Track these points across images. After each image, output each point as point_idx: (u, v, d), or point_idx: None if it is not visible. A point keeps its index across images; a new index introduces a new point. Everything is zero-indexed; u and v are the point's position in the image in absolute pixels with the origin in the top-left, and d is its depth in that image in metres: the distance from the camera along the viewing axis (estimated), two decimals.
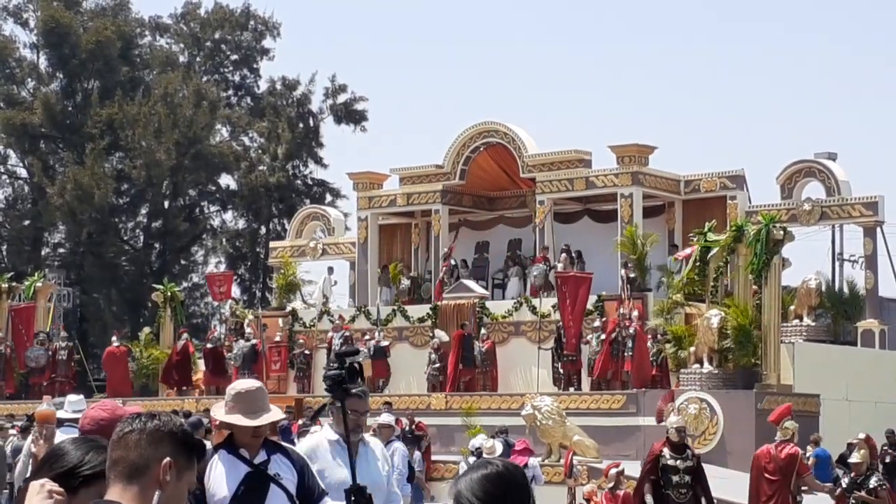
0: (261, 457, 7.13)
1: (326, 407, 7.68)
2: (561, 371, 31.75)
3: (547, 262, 34.40)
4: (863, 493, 18.19)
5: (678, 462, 17.53)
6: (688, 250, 30.85)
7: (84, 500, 3.84)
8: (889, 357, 33.26)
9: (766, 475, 19.14)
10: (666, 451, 17.56)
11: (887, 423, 29.54)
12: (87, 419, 5.89)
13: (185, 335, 37.60)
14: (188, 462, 3.79)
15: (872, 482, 18.18)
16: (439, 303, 34.85)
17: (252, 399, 7.10)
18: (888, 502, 18.11)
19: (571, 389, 31.07)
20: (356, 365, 12.25)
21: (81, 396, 10.71)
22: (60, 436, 9.31)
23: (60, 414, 10.11)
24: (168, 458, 3.69)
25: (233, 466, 7.14)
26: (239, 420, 7.07)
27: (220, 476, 7.14)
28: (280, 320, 37.06)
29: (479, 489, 3.85)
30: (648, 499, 17.32)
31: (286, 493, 7.08)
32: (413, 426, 27.68)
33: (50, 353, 38.07)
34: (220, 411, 7.18)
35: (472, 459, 23.10)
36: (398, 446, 16.39)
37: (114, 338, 39.33)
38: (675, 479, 17.39)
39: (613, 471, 22.64)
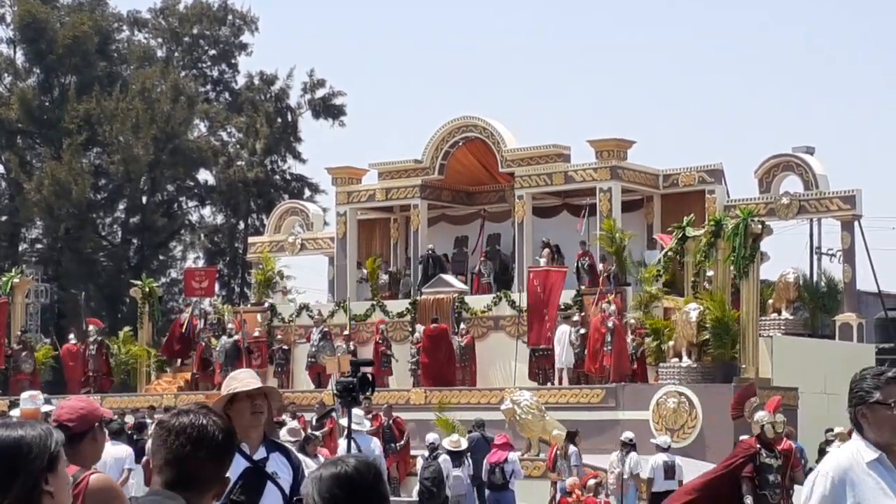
0: (260, 453, 7.13)
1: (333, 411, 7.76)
2: (539, 366, 31.76)
3: (589, 256, 34.01)
4: None
5: (772, 460, 16.43)
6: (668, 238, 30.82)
7: None
8: (867, 350, 33.36)
9: None
10: (762, 450, 16.26)
11: None
12: (63, 409, 5.95)
13: (188, 310, 37.99)
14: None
15: None
16: (418, 297, 34.86)
17: (242, 377, 7.18)
18: None
19: (549, 385, 31.07)
20: (369, 375, 12.26)
21: (38, 392, 10.64)
22: None
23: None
24: None
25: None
26: (226, 389, 7.15)
27: None
28: (258, 315, 37.00)
29: (325, 489, 3.79)
30: (749, 501, 15.75)
31: (281, 491, 7.09)
32: (391, 422, 27.68)
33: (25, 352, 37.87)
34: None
35: (425, 453, 23.16)
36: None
37: (71, 336, 39.19)
38: (771, 478, 16.28)
39: (592, 481, 22.71)
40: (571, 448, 23.71)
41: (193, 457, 4.12)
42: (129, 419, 27.34)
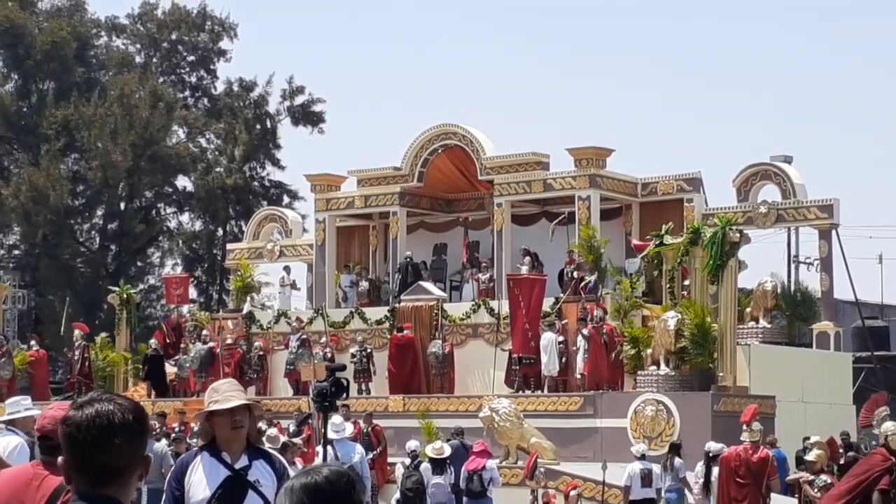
0: (242, 461, 7.09)
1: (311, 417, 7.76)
2: (520, 374, 31.70)
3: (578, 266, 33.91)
4: (814, 492, 18.39)
5: None
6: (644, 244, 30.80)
7: None
8: (844, 359, 33.49)
9: (737, 478, 19.17)
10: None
11: (842, 424, 29.74)
12: (46, 419, 5.93)
13: (179, 308, 38.31)
14: None
15: (819, 481, 18.43)
16: (397, 305, 34.84)
17: (223, 389, 7.14)
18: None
19: (528, 392, 31.05)
20: (343, 380, 12.28)
21: (18, 398, 10.55)
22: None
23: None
24: None
25: (213, 469, 7.12)
26: (208, 402, 7.13)
27: (200, 478, 7.13)
28: (230, 322, 36.88)
29: (296, 499, 3.76)
30: None
31: (263, 499, 7.06)
32: (370, 429, 27.64)
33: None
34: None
35: (406, 461, 23.13)
36: None
37: (32, 342, 39.01)
38: None
39: (573, 492, 22.75)
40: (678, 461, 23.35)
41: (108, 448, 3.86)
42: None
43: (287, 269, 39.86)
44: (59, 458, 3.92)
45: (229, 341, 36.24)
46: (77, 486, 3.91)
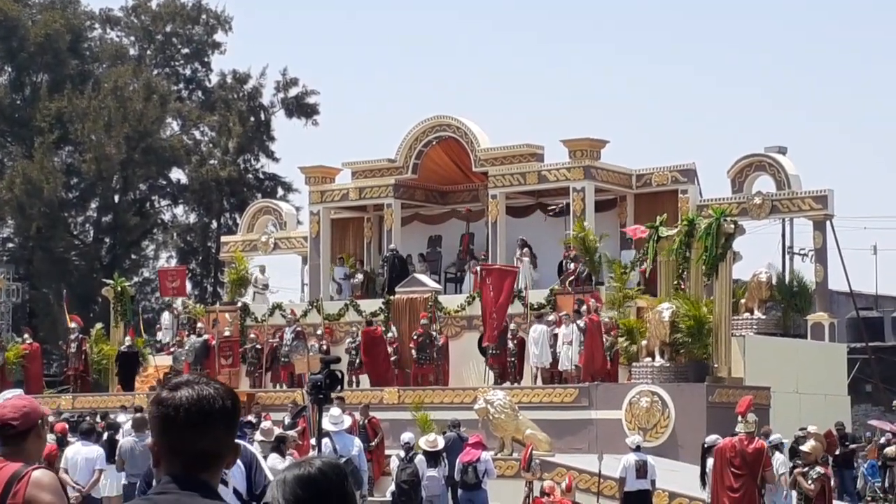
0: None
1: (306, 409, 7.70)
2: (494, 366, 31.87)
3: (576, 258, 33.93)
4: (808, 484, 18.41)
5: None
6: (640, 228, 30.72)
7: None
8: (838, 350, 33.52)
9: (733, 469, 19.18)
10: None
11: (837, 415, 29.79)
12: (6, 408, 5.93)
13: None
14: None
15: (814, 473, 18.49)
16: (391, 297, 34.83)
17: None
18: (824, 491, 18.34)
19: (515, 384, 31.04)
20: (338, 373, 12.26)
21: (19, 391, 10.57)
22: None
23: None
24: None
25: None
26: None
27: None
28: (228, 314, 36.86)
29: (288, 491, 3.76)
30: None
31: (232, 489, 7.02)
32: (367, 421, 27.63)
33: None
34: None
35: (401, 454, 23.11)
36: None
37: (26, 335, 38.95)
38: None
39: (565, 482, 22.75)
40: (780, 456, 23.00)
41: (207, 433, 3.78)
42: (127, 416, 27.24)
43: (262, 268, 39.79)
44: (149, 440, 3.85)
45: (227, 333, 36.22)
46: (170, 469, 3.81)
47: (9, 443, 5.78)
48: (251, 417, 29.00)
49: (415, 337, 32.76)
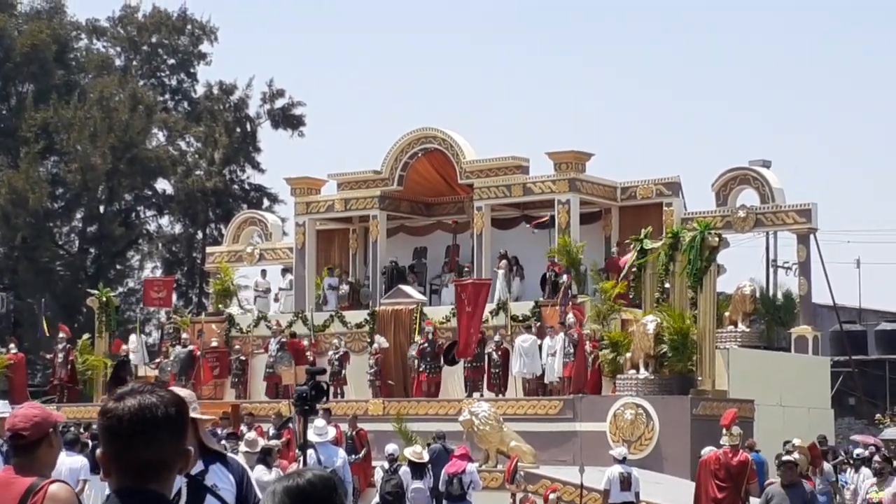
0: (198, 467, 7.01)
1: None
2: (468, 378, 32.00)
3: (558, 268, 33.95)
4: None
5: None
6: (627, 256, 30.89)
7: None
8: (822, 363, 33.62)
9: (717, 482, 19.22)
10: None
11: (820, 428, 29.87)
12: (17, 417, 5.91)
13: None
14: None
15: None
16: (377, 308, 34.87)
17: None
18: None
19: (500, 396, 31.11)
20: (323, 384, 12.28)
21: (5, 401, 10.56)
22: None
23: None
24: None
25: None
26: None
27: None
28: (214, 325, 36.87)
29: (278, 501, 3.81)
30: None
31: (222, 502, 7.02)
32: (354, 433, 27.66)
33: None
34: None
35: (385, 465, 23.14)
36: None
37: (11, 345, 38.89)
38: None
39: (552, 495, 22.76)
40: (826, 465, 22.89)
41: (151, 442, 3.76)
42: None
43: (263, 272, 39.87)
44: (98, 451, 3.83)
45: (214, 344, 36.20)
46: (118, 481, 3.80)
47: (20, 453, 5.75)
48: (243, 428, 28.96)
49: (420, 345, 32.74)
